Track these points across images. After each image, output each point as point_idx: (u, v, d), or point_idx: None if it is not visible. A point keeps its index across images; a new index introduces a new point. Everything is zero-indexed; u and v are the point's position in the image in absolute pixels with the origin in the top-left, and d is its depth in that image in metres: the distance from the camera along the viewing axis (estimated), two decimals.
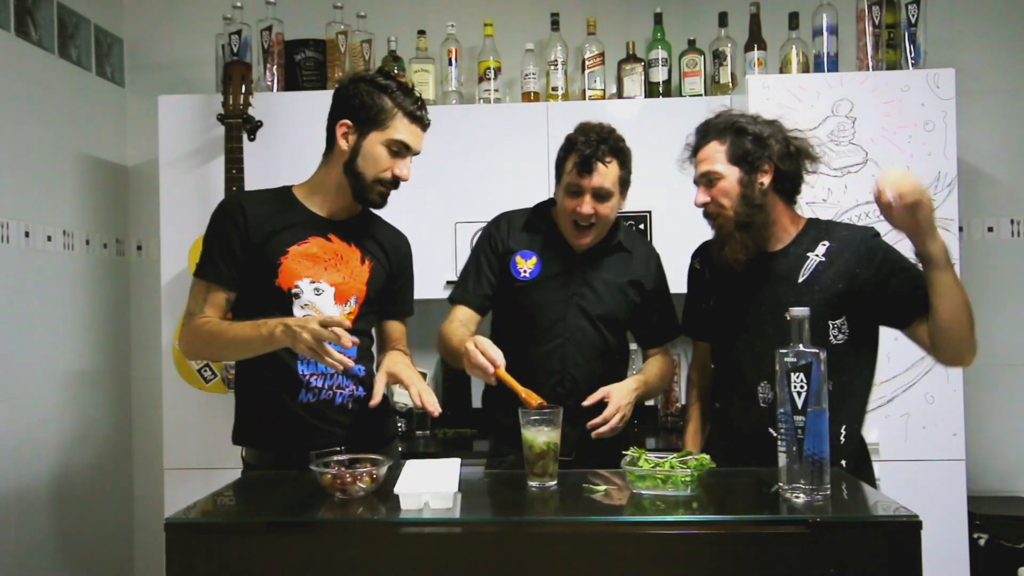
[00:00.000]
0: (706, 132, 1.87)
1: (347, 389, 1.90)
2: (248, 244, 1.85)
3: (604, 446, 1.94)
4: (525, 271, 2.06)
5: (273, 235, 1.86)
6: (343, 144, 1.86)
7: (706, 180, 1.84)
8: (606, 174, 1.96)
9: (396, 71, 2.96)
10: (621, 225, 2.13)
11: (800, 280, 1.81)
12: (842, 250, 1.81)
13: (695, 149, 1.89)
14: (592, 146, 1.94)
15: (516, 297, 2.06)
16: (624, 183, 2.03)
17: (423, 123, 1.89)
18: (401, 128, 1.84)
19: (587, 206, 1.96)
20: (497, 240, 2.09)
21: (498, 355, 1.76)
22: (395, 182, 1.88)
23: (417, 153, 1.90)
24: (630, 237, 2.16)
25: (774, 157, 1.81)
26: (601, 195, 1.97)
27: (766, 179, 1.82)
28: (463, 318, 2.04)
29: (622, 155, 2.00)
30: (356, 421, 1.91)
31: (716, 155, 1.83)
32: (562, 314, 2.04)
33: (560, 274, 2.05)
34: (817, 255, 1.82)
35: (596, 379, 2.01)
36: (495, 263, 2.08)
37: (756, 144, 1.81)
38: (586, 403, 1.93)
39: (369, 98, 1.84)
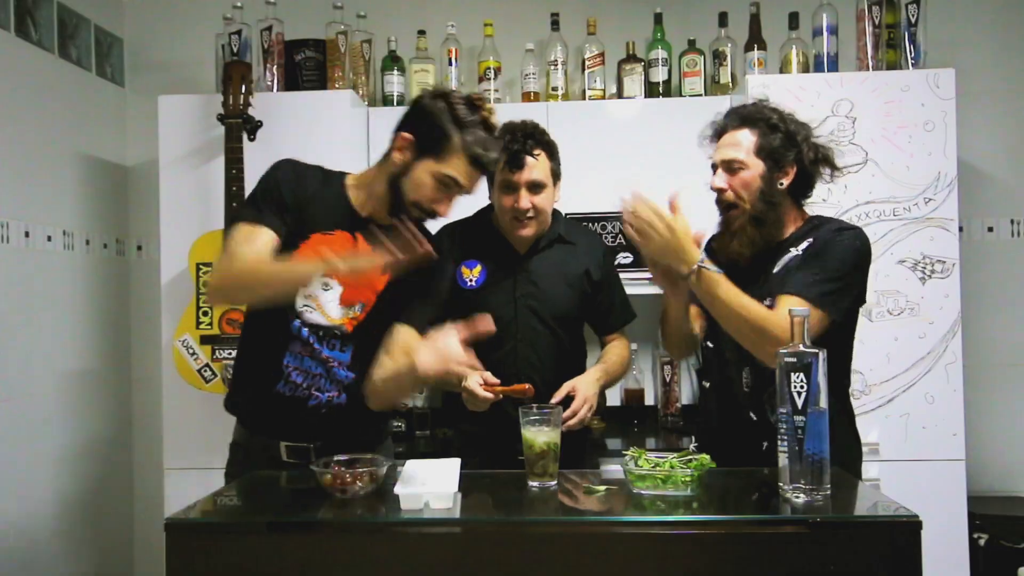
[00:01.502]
0: (739, 118, 1.85)
1: (326, 394, 1.82)
2: (289, 209, 1.78)
3: (569, 443, 1.95)
4: (471, 280, 2.12)
5: (306, 213, 1.79)
6: (397, 157, 1.78)
7: (728, 167, 1.82)
8: (536, 166, 2.03)
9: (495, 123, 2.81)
10: (561, 218, 2.18)
11: (774, 271, 1.80)
12: (818, 244, 1.78)
13: (721, 131, 1.87)
14: (520, 142, 2.02)
15: (465, 306, 2.04)
16: (555, 174, 2.09)
17: (485, 169, 1.79)
18: (458, 168, 1.74)
19: (524, 200, 2.03)
20: (444, 252, 2.09)
21: (490, 378, 1.85)
22: (432, 214, 1.79)
23: (468, 193, 1.81)
24: (571, 229, 2.21)
25: (803, 160, 1.80)
26: (535, 187, 2.04)
27: (787, 180, 1.81)
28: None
29: (550, 148, 2.08)
30: (329, 427, 1.83)
31: (745, 144, 1.80)
32: (511, 316, 2.08)
33: (505, 278, 2.10)
34: (797, 250, 1.80)
35: (554, 377, 2.05)
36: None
37: (786, 143, 1.80)
38: (555, 399, 1.97)
39: (440, 122, 1.74)
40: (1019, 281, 3.04)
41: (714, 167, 1.87)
